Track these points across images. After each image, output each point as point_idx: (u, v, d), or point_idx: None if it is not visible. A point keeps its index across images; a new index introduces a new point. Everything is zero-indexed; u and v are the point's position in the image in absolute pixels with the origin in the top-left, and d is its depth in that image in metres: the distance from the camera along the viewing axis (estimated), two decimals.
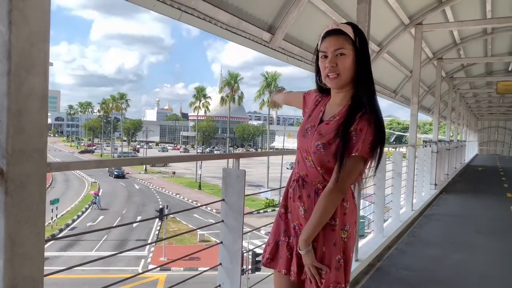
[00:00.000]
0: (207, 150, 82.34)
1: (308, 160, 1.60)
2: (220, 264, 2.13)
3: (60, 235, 24.19)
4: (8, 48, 1.02)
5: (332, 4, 4.71)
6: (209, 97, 64.18)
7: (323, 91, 1.72)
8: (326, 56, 1.55)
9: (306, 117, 1.74)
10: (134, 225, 26.80)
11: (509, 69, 12.83)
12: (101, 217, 30.34)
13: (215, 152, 77.93)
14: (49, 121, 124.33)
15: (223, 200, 2.12)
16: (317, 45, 1.62)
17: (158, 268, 18.84)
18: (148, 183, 46.80)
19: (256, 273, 13.07)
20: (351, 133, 1.49)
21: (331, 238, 1.56)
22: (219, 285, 2.13)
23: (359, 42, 1.54)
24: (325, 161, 1.53)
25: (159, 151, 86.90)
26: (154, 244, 23.48)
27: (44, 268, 1.15)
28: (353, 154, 1.47)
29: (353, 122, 1.50)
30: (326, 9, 4.64)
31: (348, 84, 1.57)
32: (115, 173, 51.19)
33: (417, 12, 6.67)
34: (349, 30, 1.54)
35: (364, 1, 3.50)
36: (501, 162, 22.07)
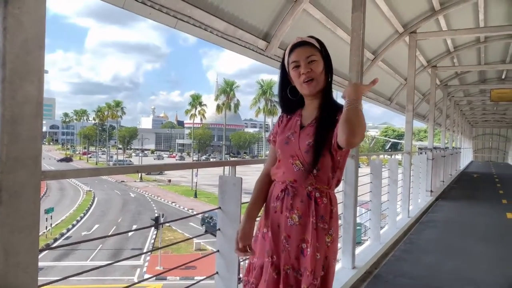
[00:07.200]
0: (203, 157, 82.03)
1: (295, 165, 1.58)
2: (217, 272, 2.11)
3: (55, 245, 23.91)
4: (3, 55, 1.01)
5: (327, 13, 4.75)
6: (205, 104, 64.17)
7: (290, 110, 1.72)
8: (298, 66, 1.60)
9: (281, 130, 1.70)
10: (130, 234, 26.57)
11: (502, 77, 12.97)
12: (96, 226, 30.10)
13: (211, 159, 77.74)
14: (44, 129, 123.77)
15: (220, 208, 2.10)
16: (283, 59, 1.68)
17: (154, 278, 18.64)
18: (144, 192, 46.48)
19: None
20: (337, 121, 1.48)
21: (323, 244, 1.54)
22: None
23: (324, 52, 1.63)
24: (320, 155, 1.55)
25: (154, 159, 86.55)
26: (149, 253, 23.27)
27: (39, 278, 1.13)
28: None
29: (335, 117, 1.53)
30: (321, 17, 4.68)
31: (321, 90, 1.63)
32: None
33: (411, 21, 6.74)
34: (314, 41, 1.63)
35: (359, 9, 3.51)
36: (495, 168, 22.18)
